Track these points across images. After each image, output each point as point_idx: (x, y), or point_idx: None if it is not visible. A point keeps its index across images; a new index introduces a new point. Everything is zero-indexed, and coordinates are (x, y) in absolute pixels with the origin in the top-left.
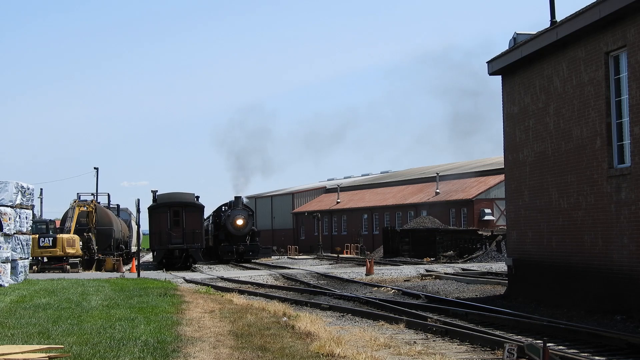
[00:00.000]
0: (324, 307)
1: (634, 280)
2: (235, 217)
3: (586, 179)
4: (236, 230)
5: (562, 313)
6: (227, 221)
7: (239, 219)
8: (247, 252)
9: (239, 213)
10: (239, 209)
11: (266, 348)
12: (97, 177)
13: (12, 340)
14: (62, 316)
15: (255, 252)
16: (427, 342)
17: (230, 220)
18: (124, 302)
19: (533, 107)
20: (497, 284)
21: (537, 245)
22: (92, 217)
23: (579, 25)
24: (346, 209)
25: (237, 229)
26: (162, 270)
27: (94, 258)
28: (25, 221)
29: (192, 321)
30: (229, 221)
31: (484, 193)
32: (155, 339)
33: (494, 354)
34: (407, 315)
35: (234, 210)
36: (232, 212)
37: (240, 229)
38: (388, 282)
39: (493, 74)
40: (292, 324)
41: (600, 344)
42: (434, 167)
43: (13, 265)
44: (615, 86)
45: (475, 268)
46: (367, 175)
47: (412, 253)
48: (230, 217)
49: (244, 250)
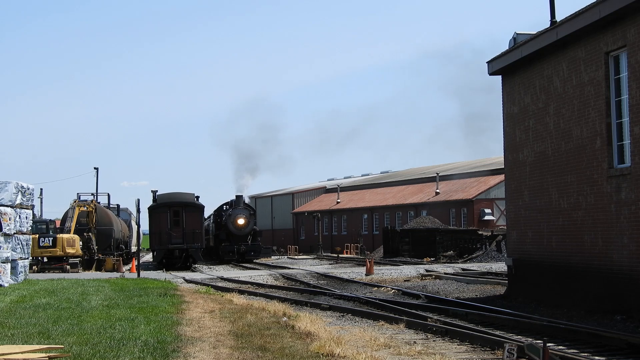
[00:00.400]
0: (324, 307)
1: (634, 280)
2: (236, 217)
3: (586, 179)
4: (237, 229)
5: (562, 313)
6: (228, 220)
7: (240, 218)
8: (248, 252)
9: (240, 212)
10: (240, 208)
11: (266, 348)
12: (97, 177)
13: (12, 340)
14: (62, 316)
15: (257, 252)
16: (427, 342)
17: (232, 219)
18: (124, 302)
19: (533, 107)
20: (497, 284)
21: (537, 245)
22: (92, 217)
23: (579, 25)
24: (346, 209)
25: (238, 229)
26: (162, 270)
27: (94, 258)
28: (25, 221)
29: (192, 321)
30: (230, 220)
31: (484, 193)
32: (155, 339)
33: (494, 354)
34: (407, 315)
35: (235, 210)
36: (233, 212)
37: (241, 228)
38: (388, 282)
39: (493, 74)
40: (292, 324)
41: (600, 344)
42: (434, 167)
43: (13, 265)
44: (615, 86)
45: (475, 268)
46: (367, 175)
47: (412, 253)
48: (231, 217)
49: (246, 250)
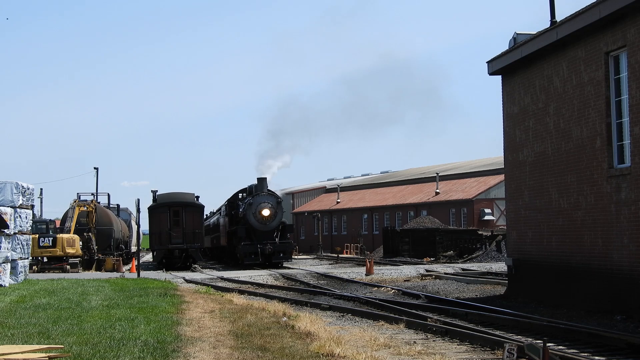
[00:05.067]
0: (324, 307)
1: (634, 280)
2: (260, 206)
3: (586, 179)
4: (262, 223)
5: (562, 313)
6: (249, 212)
7: (266, 209)
8: (276, 253)
9: (265, 200)
10: (264, 194)
11: (266, 348)
12: (97, 177)
13: (12, 340)
14: (62, 316)
15: (288, 254)
16: (427, 342)
17: (254, 210)
18: (124, 302)
19: (533, 107)
20: (497, 284)
21: (537, 246)
22: (92, 217)
23: (579, 25)
24: (346, 209)
25: (263, 222)
26: (162, 270)
27: (94, 258)
28: (25, 221)
29: (192, 321)
30: (250, 212)
31: (484, 193)
32: (155, 339)
33: (494, 354)
34: (407, 315)
35: (258, 197)
36: (255, 200)
37: (267, 221)
38: (388, 282)
39: (493, 74)
40: (292, 324)
41: (600, 344)
42: (434, 167)
43: (13, 265)
44: (615, 86)
45: (475, 268)
46: (367, 175)
47: (412, 253)
48: (252, 206)
49: (273, 251)
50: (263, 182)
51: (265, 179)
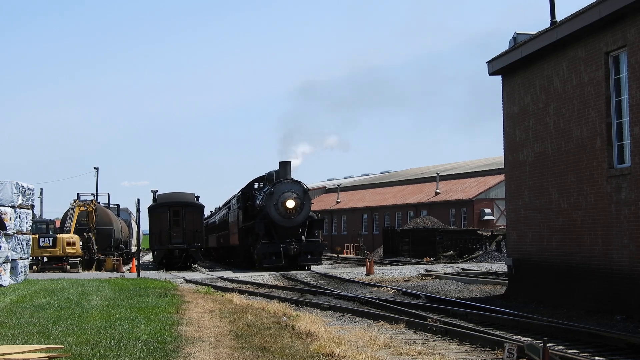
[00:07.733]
0: (324, 307)
1: (634, 280)
2: (283, 196)
3: (586, 179)
4: (285, 217)
5: (562, 313)
6: (269, 203)
7: (290, 199)
8: (303, 254)
9: (289, 189)
10: (288, 182)
11: (266, 348)
12: (97, 177)
13: (12, 340)
14: (62, 316)
15: (317, 255)
16: (427, 342)
17: (275, 201)
18: (124, 302)
19: (533, 107)
20: (497, 284)
21: (537, 245)
22: (92, 217)
23: (579, 25)
24: (346, 209)
25: (286, 216)
26: (162, 270)
27: (94, 258)
28: (25, 221)
29: (192, 321)
30: (271, 203)
31: (484, 193)
32: (155, 339)
33: (494, 354)
34: (407, 315)
35: (280, 185)
36: (277, 189)
37: (291, 215)
38: (388, 282)
39: (493, 74)
40: (292, 324)
41: (600, 344)
42: (434, 167)
43: (13, 265)
44: (615, 86)
45: (475, 268)
46: (367, 175)
47: (412, 253)
48: (274, 197)
49: (300, 252)
50: (287, 167)
51: (289, 164)
